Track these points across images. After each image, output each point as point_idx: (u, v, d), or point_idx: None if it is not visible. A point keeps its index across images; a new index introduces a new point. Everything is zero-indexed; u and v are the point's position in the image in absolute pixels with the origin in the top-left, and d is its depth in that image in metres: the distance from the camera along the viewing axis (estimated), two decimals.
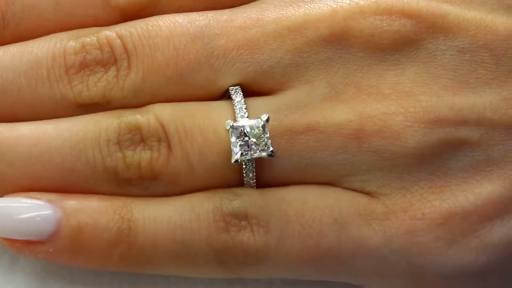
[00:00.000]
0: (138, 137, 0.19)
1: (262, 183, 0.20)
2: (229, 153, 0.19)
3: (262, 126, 0.19)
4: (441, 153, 0.20)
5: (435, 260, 0.20)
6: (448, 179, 0.20)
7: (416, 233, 0.19)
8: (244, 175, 0.20)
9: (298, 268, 0.20)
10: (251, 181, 0.20)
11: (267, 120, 0.19)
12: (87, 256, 0.20)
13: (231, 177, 0.20)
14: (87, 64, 0.20)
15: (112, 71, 0.20)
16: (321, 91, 0.20)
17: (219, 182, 0.20)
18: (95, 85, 0.20)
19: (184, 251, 0.19)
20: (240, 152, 0.19)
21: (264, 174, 0.20)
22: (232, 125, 0.19)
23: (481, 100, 0.20)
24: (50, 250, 0.19)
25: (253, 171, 0.20)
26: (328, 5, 0.20)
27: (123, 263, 0.20)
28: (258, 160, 0.20)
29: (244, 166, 0.19)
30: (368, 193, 0.20)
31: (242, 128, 0.19)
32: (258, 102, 0.20)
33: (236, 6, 0.21)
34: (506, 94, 0.20)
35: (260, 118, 0.19)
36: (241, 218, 0.19)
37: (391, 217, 0.20)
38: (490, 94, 0.20)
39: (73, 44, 0.20)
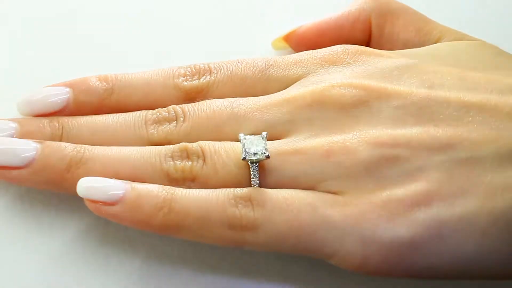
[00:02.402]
0: (185, 154, 0.29)
1: (263, 186, 0.29)
2: (241, 164, 0.29)
3: (262, 138, 0.29)
4: (382, 164, 0.28)
5: (377, 232, 0.27)
6: (388, 181, 0.28)
7: (365, 213, 0.27)
8: (252, 179, 0.29)
9: (283, 235, 0.28)
10: (255, 183, 0.29)
11: (266, 135, 0.29)
12: (140, 216, 0.28)
13: (243, 181, 0.29)
14: (158, 120, 0.31)
15: (173, 124, 0.31)
16: (305, 136, 0.29)
17: (234, 184, 0.29)
18: (162, 130, 0.31)
19: (206, 217, 0.28)
20: (246, 153, 0.29)
21: (264, 180, 0.29)
22: (244, 136, 0.29)
23: (410, 132, 0.28)
24: (118, 209, 0.28)
25: (257, 177, 0.29)
26: (312, 87, 0.30)
27: (163, 223, 0.28)
28: (261, 169, 0.29)
29: (251, 172, 0.29)
30: (334, 193, 0.28)
31: (250, 138, 0.29)
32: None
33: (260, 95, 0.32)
34: (427, 129, 0.28)
35: (261, 134, 0.29)
36: (246, 199, 0.28)
37: (348, 204, 0.28)
38: (415, 130, 0.28)
39: (152, 111, 0.31)
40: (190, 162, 0.29)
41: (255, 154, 0.29)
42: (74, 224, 0.31)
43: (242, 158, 0.29)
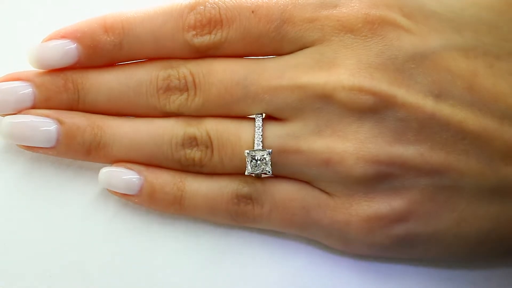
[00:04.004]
0: (194, 143, 0.32)
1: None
2: (246, 163, 0.31)
3: (266, 155, 0.31)
4: (375, 180, 0.30)
5: (358, 238, 0.31)
6: (376, 194, 0.31)
7: (350, 223, 0.31)
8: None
9: (279, 228, 0.32)
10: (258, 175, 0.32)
11: (270, 152, 0.31)
12: (156, 206, 0.32)
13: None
14: (170, 88, 0.32)
15: (185, 95, 0.32)
16: (310, 128, 0.31)
17: (239, 171, 0.32)
18: (174, 102, 0.32)
19: (212, 211, 0.32)
20: (251, 169, 0.31)
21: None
22: (248, 152, 0.31)
23: (406, 152, 0.30)
24: (136, 200, 0.32)
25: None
26: (324, 76, 0.30)
27: (176, 212, 0.33)
28: None
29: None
30: (327, 193, 0.32)
31: (254, 155, 0.31)
32: (270, 128, 0.31)
33: (271, 54, 0.32)
34: (422, 151, 0.30)
35: (266, 150, 0.31)
36: (247, 198, 0.32)
37: (337, 210, 0.31)
38: (412, 150, 0.30)
39: (163, 73, 0.32)
40: (199, 153, 0.32)
41: (258, 171, 0.31)
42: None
43: (246, 173, 0.31)
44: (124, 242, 0.33)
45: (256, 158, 0.31)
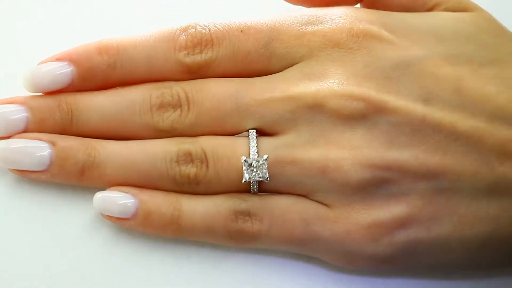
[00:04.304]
0: (189, 158, 0.31)
1: (262, 190, 0.32)
2: (242, 173, 0.31)
3: (263, 162, 0.31)
4: (372, 186, 0.30)
5: (360, 249, 0.31)
6: (374, 200, 0.31)
7: (351, 233, 0.31)
8: (251, 186, 0.31)
9: (279, 245, 0.32)
10: (255, 189, 0.31)
11: (267, 158, 0.31)
12: (152, 230, 0.32)
13: (243, 186, 0.31)
14: (163, 105, 0.32)
15: (178, 111, 0.32)
16: (304, 138, 0.31)
17: (236, 189, 0.32)
18: (167, 118, 0.32)
19: (209, 231, 0.31)
20: (248, 176, 0.31)
21: (263, 186, 0.31)
22: (245, 159, 0.31)
23: (401, 156, 0.30)
24: (132, 224, 0.31)
25: (256, 184, 0.31)
26: (314, 87, 0.31)
27: (173, 235, 0.32)
28: None
29: (251, 183, 0.31)
30: (326, 204, 0.31)
31: (251, 162, 0.31)
32: (265, 141, 0.31)
33: (260, 75, 0.32)
34: (417, 154, 0.30)
35: (262, 156, 0.31)
36: (245, 214, 0.31)
37: (337, 221, 0.31)
38: (407, 153, 0.30)
39: (156, 92, 0.32)
40: (194, 169, 0.31)
41: (255, 177, 0.31)
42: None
43: (243, 181, 0.31)
44: (124, 242, 0.33)
45: (253, 165, 0.31)
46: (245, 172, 0.31)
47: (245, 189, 0.32)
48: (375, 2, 0.34)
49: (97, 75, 0.32)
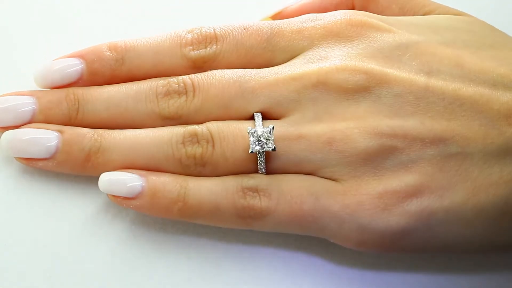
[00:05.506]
0: (195, 139, 0.31)
1: (269, 171, 0.31)
2: (249, 149, 0.31)
3: (269, 131, 0.30)
4: (380, 154, 0.30)
5: (373, 221, 0.30)
6: (384, 171, 0.30)
7: (362, 203, 0.30)
8: (258, 165, 0.31)
9: (288, 223, 0.31)
10: (262, 169, 0.31)
11: (273, 128, 0.31)
12: (158, 209, 0.31)
13: (250, 167, 0.31)
14: (169, 92, 0.32)
15: (183, 98, 0.32)
16: (309, 116, 0.31)
17: (243, 169, 0.31)
18: (172, 105, 0.32)
19: (217, 208, 0.31)
20: (254, 146, 0.31)
21: (270, 166, 0.31)
22: (250, 130, 0.31)
23: (406, 123, 0.30)
24: (138, 203, 0.31)
25: (263, 163, 0.31)
26: (317, 65, 0.32)
27: (179, 214, 0.31)
28: (267, 155, 0.31)
29: (258, 159, 0.31)
30: (334, 179, 0.31)
31: (257, 132, 0.31)
32: (270, 122, 0.31)
33: (264, 66, 0.33)
34: (423, 121, 0.30)
35: (268, 126, 0.31)
36: (253, 190, 0.31)
37: (347, 194, 0.30)
38: (412, 121, 0.30)
39: (162, 81, 0.32)
40: (200, 149, 0.31)
41: (262, 147, 0.31)
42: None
43: (250, 151, 0.31)
44: (124, 242, 0.32)
45: (259, 134, 0.31)
46: (251, 142, 0.31)
47: (252, 170, 0.32)
48: (367, 10, 0.36)
49: (105, 70, 0.33)
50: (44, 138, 0.32)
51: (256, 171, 0.31)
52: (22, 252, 0.32)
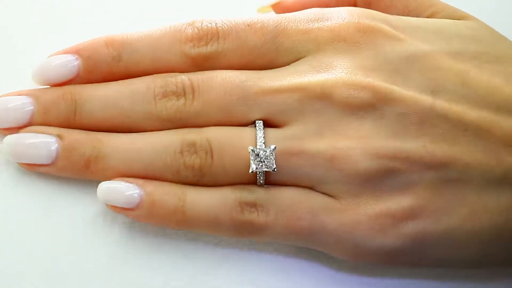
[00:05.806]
0: (193, 149, 0.31)
1: (268, 183, 0.31)
2: (249, 164, 0.31)
3: (270, 152, 0.30)
4: (380, 175, 0.30)
5: (368, 241, 0.30)
6: (382, 192, 0.30)
7: (359, 223, 0.30)
8: (257, 178, 0.31)
9: (285, 237, 0.31)
10: (261, 181, 0.31)
11: (274, 148, 0.30)
12: (156, 220, 0.31)
13: (250, 178, 0.31)
14: (167, 94, 0.31)
15: (182, 100, 0.31)
16: (312, 130, 0.31)
17: (242, 181, 0.31)
18: (171, 107, 0.31)
19: (215, 221, 0.31)
20: (255, 166, 0.30)
21: (270, 178, 0.31)
22: (252, 149, 0.30)
23: (408, 146, 0.30)
24: (136, 214, 0.31)
25: (263, 176, 0.31)
26: (322, 77, 0.31)
27: (177, 225, 0.31)
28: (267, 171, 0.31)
29: (257, 173, 0.31)
30: (332, 196, 0.31)
31: (258, 152, 0.30)
32: (272, 132, 0.31)
33: (267, 67, 0.32)
34: (425, 144, 0.30)
35: (269, 146, 0.30)
36: (252, 206, 0.30)
37: (344, 212, 0.30)
38: (414, 143, 0.30)
39: (160, 81, 0.31)
40: (199, 160, 0.31)
41: (262, 167, 0.30)
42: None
43: (250, 171, 0.30)
44: (124, 243, 0.32)
45: (260, 155, 0.30)
46: (252, 162, 0.30)
47: (251, 181, 0.31)
48: (370, 7, 0.35)
49: (102, 67, 0.32)
50: (45, 144, 0.31)
51: (255, 181, 0.31)
52: (22, 252, 0.32)
